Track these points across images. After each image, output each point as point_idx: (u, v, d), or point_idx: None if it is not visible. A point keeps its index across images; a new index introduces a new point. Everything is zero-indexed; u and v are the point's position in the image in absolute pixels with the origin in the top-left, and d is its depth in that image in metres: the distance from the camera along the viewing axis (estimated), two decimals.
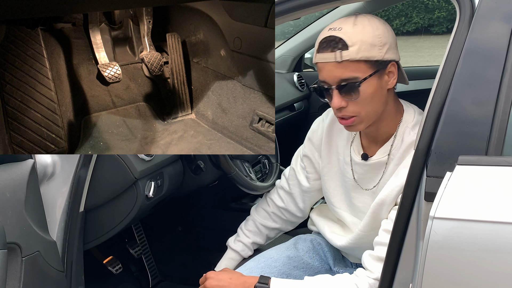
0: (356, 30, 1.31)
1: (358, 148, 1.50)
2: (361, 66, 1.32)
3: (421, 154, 1.20)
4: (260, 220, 1.74)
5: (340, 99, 1.34)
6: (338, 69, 1.32)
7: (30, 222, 1.34)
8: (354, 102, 1.34)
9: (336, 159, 1.55)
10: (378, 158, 1.45)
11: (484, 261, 1.06)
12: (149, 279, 2.41)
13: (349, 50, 1.30)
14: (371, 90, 1.33)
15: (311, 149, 1.61)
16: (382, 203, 1.39)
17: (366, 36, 1.31)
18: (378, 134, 1.45)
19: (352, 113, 1.36)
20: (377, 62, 1.33)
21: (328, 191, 1.59)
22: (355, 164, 1.49)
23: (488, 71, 1.19)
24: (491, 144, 1.14)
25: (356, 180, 1.50)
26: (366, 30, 1.32)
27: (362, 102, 1.34)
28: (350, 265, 1.66)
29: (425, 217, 1.13)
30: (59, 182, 1.58)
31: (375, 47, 1.31)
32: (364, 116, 1.37)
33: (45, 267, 1.40)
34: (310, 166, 1.63)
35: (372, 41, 1.31)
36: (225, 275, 1.45)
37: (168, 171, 1.84)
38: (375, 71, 1.33)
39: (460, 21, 1.25)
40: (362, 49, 1.30)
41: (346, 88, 1.33)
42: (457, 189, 1.09)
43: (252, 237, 1.73)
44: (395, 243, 1.25)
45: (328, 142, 1.56)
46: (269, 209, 1.73)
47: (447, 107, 1.19)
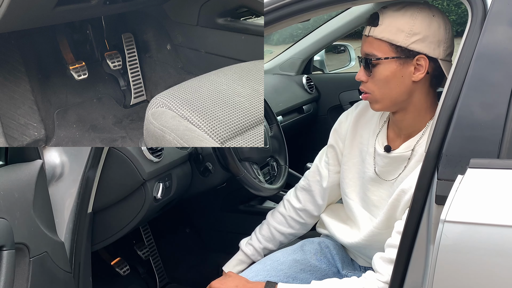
0: (394, 12, 1.37)
1: (383, 139, 1.50)
2: (383, 46, 1.37)
3: (432, 157, 1.19)
4: (275, 225, 1.72)
5: (361, 72, 1.42)
6: (365, 43, 1.41)
7: (38, 222, 1.34)
8: (371, 79, 1.40)
9: (358, 150, 1.55)
10: (400, 152, 1.44)
11: (496, 265, 1.05)
12: (156, 281, 2.41)
13: (376, 27, 1.37)
14: (386, 73, 1.37)
15: (336, 140, 1.61)
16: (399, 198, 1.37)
17: (397, 20, 1.35)
18: (403, 126, 1.45)
19: (367, 89, 1.42)
20: (400, 48, 1.35)
21: (345, 181, 1.58)
22: (378, 155, 1.49)
23: (499, 74, 1.17)
24: (503, 148, 1.12)
25: (377, 172, 1.49)
26: (403, 15, 1.36)
27: (377, 82, 1.39)
28: (359, 269, 1.65)
29: (436, 220, 1.11)
30: (68, 183, 1.58)
31: (402, 32, 1.35)
32: (378, 96, 1.41)
33: (53, 267, 1.40)
34: (333, 157, 1.62)
35: (401, 26, 1.35)
36: (230, 284, 1.44)
37: (177, 173, 1.83)
38: (396, 56, 1.35)
39: (472, 23, 1.24)
40: (386, 30, 1.35)
41: (365, 63, 1.40)
42: (469, 193, 1.08)
43: (264, 243, 1.72)
44: (405, 246, 1.23)
45: (353, 132, 1.57)
46: (286, 212, 1.72)
47: (458, 110, 1.18)
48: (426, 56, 1.35)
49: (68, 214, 1.56)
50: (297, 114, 3.01)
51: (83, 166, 1.58)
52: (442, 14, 1.39)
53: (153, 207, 1.74)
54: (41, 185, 1.39)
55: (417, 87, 1.39)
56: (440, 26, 1.36)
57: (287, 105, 2.87)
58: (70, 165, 1.59)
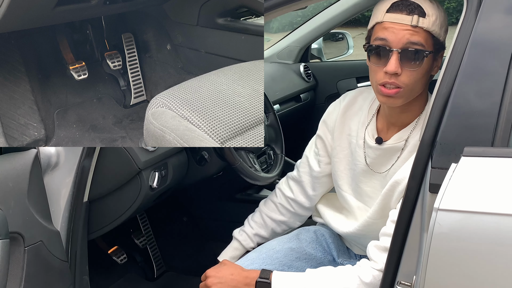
0: (433, 5, 1.33)
1: (373, 131, 1.48)
2: (429, 39, 1.33)
3: (426, 145, 1.19)
4: (266, 211, 1.72)
5: (397, 64, 1.30)
6: (410, 32, 1.30)
7: (33, 212, 1.34)
8: (409, 72, 1.31)
9: (347, 142, 1.54)
10: (393, 143, 1.43)
11: (488, 253, 1.05)
12: (154, 269, 2.42)
13: (426, 18, 1.31)
14: (426, 67, 1.35)
15: (324, 131, 1.60)
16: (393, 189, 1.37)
17: (441, 13, 1.34)
18: (399, 118, 1.43)
19: (401, 83, 1.32)
20: (439, 43, 1.35)
21: (336, 173, 1.58)
22: (368, 147, 1.48)
23: (494, 62, 1.17)
24: (497, 136, 1.12)
25: (368, 164, 1.49)
26: (441, 10, 1.35)
27: (417, 74, 1.33)
28: (354, 257, 1.65)
29: (430, 208, 1.12)
30: (63, 172, 1.58)
31: (443, 28, 1.35)
32: (409, 90, 1.34)
33: (48, 256, 1.40)
34: (322, 148, 1.61)
35: (443, 21, 1.35)
36: (225, 272, 1.44)
37: (172, 162, 1.83)
38: (434, 50, 1.35)
39: (467, 11, 1.24)
40: (437, 23, 1.33)
41: (410, 54, 1.30)
42: (462, 181, 1.08)
43: (256, 229, 1.72)
44: (399, 234, 1.24)
45: (342, 124, 1.55)
46: (277, 200, 1.72)
47: (452, 98, 1.18)
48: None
49: (64, 203, 1.57)
50: (294, 102, 3.00)
51: (79, 156, 1.58)
52: None
53: (149, 196, 1.75)
54: (36, 174, 1.39)
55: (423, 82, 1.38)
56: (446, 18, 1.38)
57: (285, 94, 2.86)
58: (65, 155, 1.59)
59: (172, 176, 1.84)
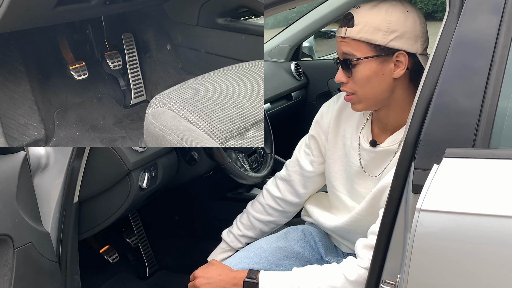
0: (369, 12, 1.36)
1: (368, 134, 1.50)
2: (362, 46, 1.36)
3: (409, 147, 1.20)
4: (253, 213, 1.74)
5: (341, 74, 1.41)
6: (342, 44, 1.39)
7: (22, 214, 1.34)
8: (351, 80, 1.39)
9: (342, 144, 1.56)
10: (386, 146, 1.45)
11: (470, 253, 1.07)
12: (146, 268, 2.43)
13: (353, 28, 1.36)
14: (367, 72, 1.37)
15: (318, 132, 1.61)
16: (383, 189, 1.39)
17: (374, 19, 1.35)
18: (388, 121, 1.45)
19: (350, 89, 1.42)
20: (379, 47, 1.35)
21: (331, 174, 1.59)
22: (363, 150, 1.49)
23: (476, 63, 1.18)
24: (478, 136, 1.14)
25: (363, 166, 1.50)
26: (378, 14, 1.35)
27: (358, 81, 1.39)
28: (342, 255, 1.67)
29: (412, 209, 1.13)
30: (53, 173, 1.59)
31: (380, 31, 1.34)
32: (361, 96, 1.41)
33: (38, 258, 1.41)
34: (316, 149, 1.62)
35: (378, 25, 1.34)
36: (214, 272, 1.45)
37: (162, 162, 1.84)
38: (375, 55, 1.35)
39: (449, 12, 1.25)
40: (364, 30, 1.35)
41: (344, 64, 1.39)
42: (444, 182, 1.09)
43: (243, 230, 1.74)
44: (384, 234, 1.25)
45: (336, 125, 1.57)
46: (264, 201, 1.73)
47: (435, 99, 1.19)
48: (405, 52, 1.35)
49: (54, 204, 1.57)
50: (285, 101, 3.02)
51: (68, 157, 1.58)
52: (416, 8, 1.39)
53: (139, 196, 1.76)
54: (25, 176, 1.40)
55: (398, 84, 1.39)
56: (415, 21, 1.36)
57: (276, 92, 2.88)
58: (55, 156, 1.59)
59: (162, 176, 1.85)
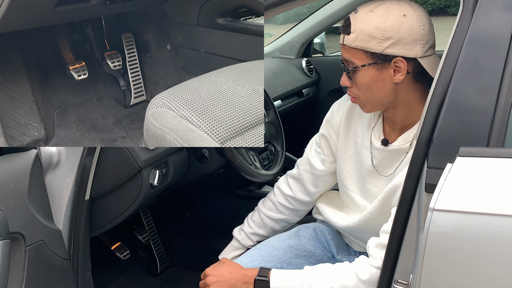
0: (364, 17, 1.33)
1: (379, 133, 1.49)
2: (358, 54, 1.35)
3: (422, 145, 1.19)
4: (264, 211, 1.73)
5: (345, 78, 1.42)
6: (342, 50, 1.40)
7: (33, 211, 1.35)
8: (354, 85, 1.40)
9: (353, 142, 1.55)
10: (398, 145, 1.43)
11: (484, 253, 1.06)
12: (157, 265, 2.44)
13: (349, 36, 1.35)
14: (367, 79, 1.36)
15: (328, 131, 1.60)
16: (395, 189, 1.37)
17: (368, 27, 1.32)
18: (397, 120, 1.44)
19: (353, 94, 1.43)
20: (375, 55, 1.33)
21: (342, 173, 1.58)
22: (375, 149, 1.48)
23: (491, 60, 1.17)
24: (492, 135, 1.12)
25: (374, 166, 1.49)
26: (372, 20, 1.32)
27: (360, 87, 1.39)
28: (354, 253, 1.66)
29: (425, 208, 1.12)
30: (65, 171, 1.59)
31: (375, 39, 1.32)
32: (364, 100, 1.41)
33: (49, 255, 1.42)
34: (327, 148, 1.62)
35: (372, 33, 1.32)
36: (224, 270, 1.45)
37: (173, 160, 1.84)
38: (373, 62, 1.34)
39: (463, 9, 1.23)
40: (358, 39, 1.33)
41: (346, 70, 1.40)
42: (457, 181, 1.08)
43: (254, 228, 1.73)
44: (397, 233, 1.24)
45: (347, 124, 1.56)
46: (275, 198, 1.73)
47: (449, 96, 1.17)
48: (403, 58, 1.32)
49: (65, 201, 1.58)
50: (296, 97, 3.01)
51: (80, 154, 1.59)
52: (415, 10, 1.33)
53: (150, 194, 1.76)
54: (36, 174, 1.40)
55: (401, 86, 1.37)
56: (413, 24, 1.31)
57: (287, 89, 2.87)
58: (66, 154, 1.60)
59: (173, 174, 1.85)
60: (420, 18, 1.33)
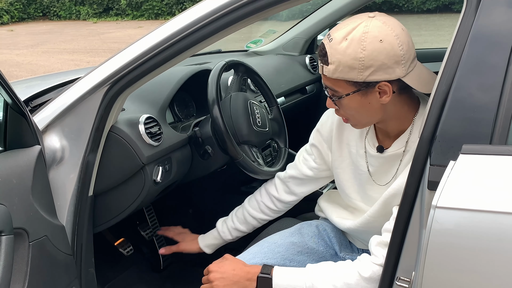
0: (340, 48, 1.27)
1: (373, 140, 1.48)
2: (341, 83, 1.32)
3: (425, 142, 1.19)
4: (248, 209, 1.80)
5: (330, 102, 1.40)
6: (324, 78, 1.35)
7: (37, 207, 1.36)
8: (341, 109, 1.38)
9: (347, 152, 1.55)
10: (394, 151, 1.43)
11: (486, 251, 1.06)
12: (160, 261, 2.44)
13: (328, 67, 1.30)
14: (354, 105, 1.34)
15: (319, 141, 1.61)
16: (394, 193, 1.38)
17: (346, 58, 1.27)
18: (390, 130, 1.44)
19: (342, 116, 1.42)
20: (358, 83, 1.30)
21: (342, 183, 1.58)
22: (370, 156, 1.48)
23: (494, 57, 1.16)
24: (495, 132, 1.12)
25: (371, 173, 1.49)
26: (349, 51, 1.26)
27: (347, 111, 1.37)
28: (357, 251, 1.66)
29: (428, 206, 1.12)
30: (68, 167, 1.59)
31: (355, 70, 1.27)
32: (355, 121, 1.41)
33: (53, 251, 1.42)
34: (318, 156, 1.63)
35: (351, 64, 1.27)
36: (228, 267, 1.46)
37: (176, 156, 1.84)
38: (356, 90, 1.31)
39: (467, 6, 1.23)
40: (338, 70, 1.29)
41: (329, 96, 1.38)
42: (460, 179, 1.08)
43: (236, 223, 1.81)
44: (399, 230, 1.24)
45: (339, 135, 1.55)
46: (260, 198, 1.78)
47: (452, 94, 1.17)
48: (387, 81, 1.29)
49: (69, 197, 1.58)
50: (300, 94, 3.00)
51: (83, 150, 1.59)
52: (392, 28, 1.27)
53: (153, 190, 1.76)
54: (40, 170, 1.41)
55: (389, 104, 1.35)
56: (392, 47, 1.26)
57: (290, 86, 2.86)
58: (70, 150, 1.60)
59: (176, 171, 1.86)
60: (397, 37, 1.27)
